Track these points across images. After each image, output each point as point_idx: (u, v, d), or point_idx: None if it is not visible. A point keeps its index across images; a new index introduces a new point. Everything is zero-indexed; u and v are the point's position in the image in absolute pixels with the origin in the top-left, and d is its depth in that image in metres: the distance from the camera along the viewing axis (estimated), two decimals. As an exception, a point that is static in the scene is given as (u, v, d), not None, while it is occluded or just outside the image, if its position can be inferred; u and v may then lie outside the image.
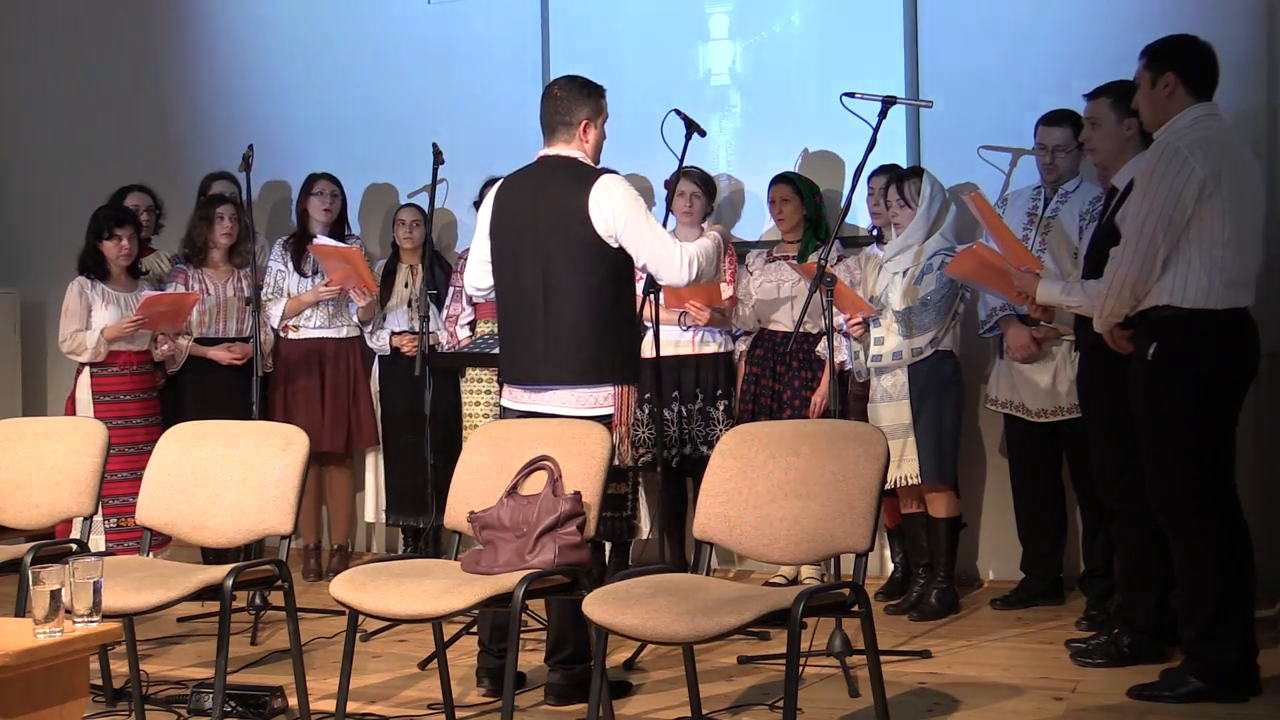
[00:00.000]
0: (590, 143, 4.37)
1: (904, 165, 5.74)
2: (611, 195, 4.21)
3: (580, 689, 4.19)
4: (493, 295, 4.50)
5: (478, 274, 4.52)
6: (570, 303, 4.22)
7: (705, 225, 4.57)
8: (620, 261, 4.28)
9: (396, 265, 6.45)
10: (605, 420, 4.23)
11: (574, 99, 4.34)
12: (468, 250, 5.72)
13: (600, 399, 4.25)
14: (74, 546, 4.31)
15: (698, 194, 5.85)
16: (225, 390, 6.12)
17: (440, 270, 6.33)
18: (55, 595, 2.98)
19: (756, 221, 6.28)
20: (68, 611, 3.02)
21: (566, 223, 4.22)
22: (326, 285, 6.25)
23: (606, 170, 4.34)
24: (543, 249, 4.26)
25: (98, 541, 5.38)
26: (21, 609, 3.96)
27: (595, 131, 4.37)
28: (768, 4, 6.23)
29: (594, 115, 4.36)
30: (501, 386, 4.48)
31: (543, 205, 4.27)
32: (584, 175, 4.27)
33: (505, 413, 4.43)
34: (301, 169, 6.56)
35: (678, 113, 5.10)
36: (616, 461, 4.25)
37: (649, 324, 5.35)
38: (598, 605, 3.43)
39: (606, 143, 4.46)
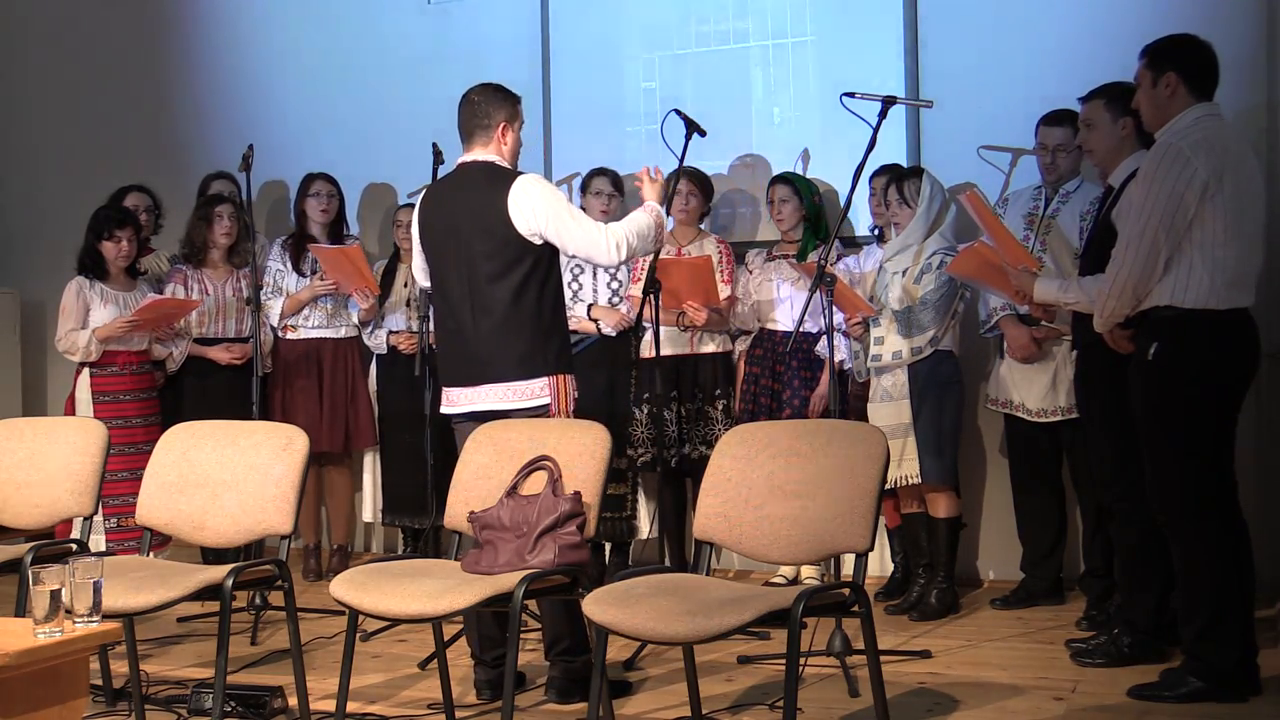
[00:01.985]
0: (509, 146, 4.43)
1: (904, 165, 5.73)
2: (529, 194, 4.27)
3: (581, 683, 4.20)
4: None
5: (423, 278, 4.60)
6: (497, 302, 4.28)
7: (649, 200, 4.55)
8: (544, 258, 4.33)
9: (397, 265, 6.44)
10: (542, 411, 4.26)
11: (491, 103, 4.42)
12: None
13: (535, 390, 4.29)
14: (74, 546, 4.31)
15: (694, 193, 5.86)
16: (225, 390, 6.12)
17: (441, 270, 6.32)
18: (55, 595, 2.98)
19: (756, 221, 6.29)
20: (68, 611, 3.02)
21: (488, 225, 4.28)
22: (321, 280, 6.26)
23: (522, 172, 4.39)
24: (466, 252, 4.32)
25: (98, 541, 5.38)
26: (21, 609, 3.96)
27: (513, 135, 4.44)
28: (768, 4, 6.23)
29: (511, 119, 4.44)
30: (440, 394, 4.49)
31: (463, 210, 4.34)
32: (502, 177, 4.33)
33: (452, 419, 4.45)
34: (301, 169, 6.56)
35: (677, 113, 5.10)
36: None
37: (649, 324, 5.36)
38: (598, 605, 3.43)
39: (605, 142, 4.49)
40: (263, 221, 7.01)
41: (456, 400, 4.39)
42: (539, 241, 4.29)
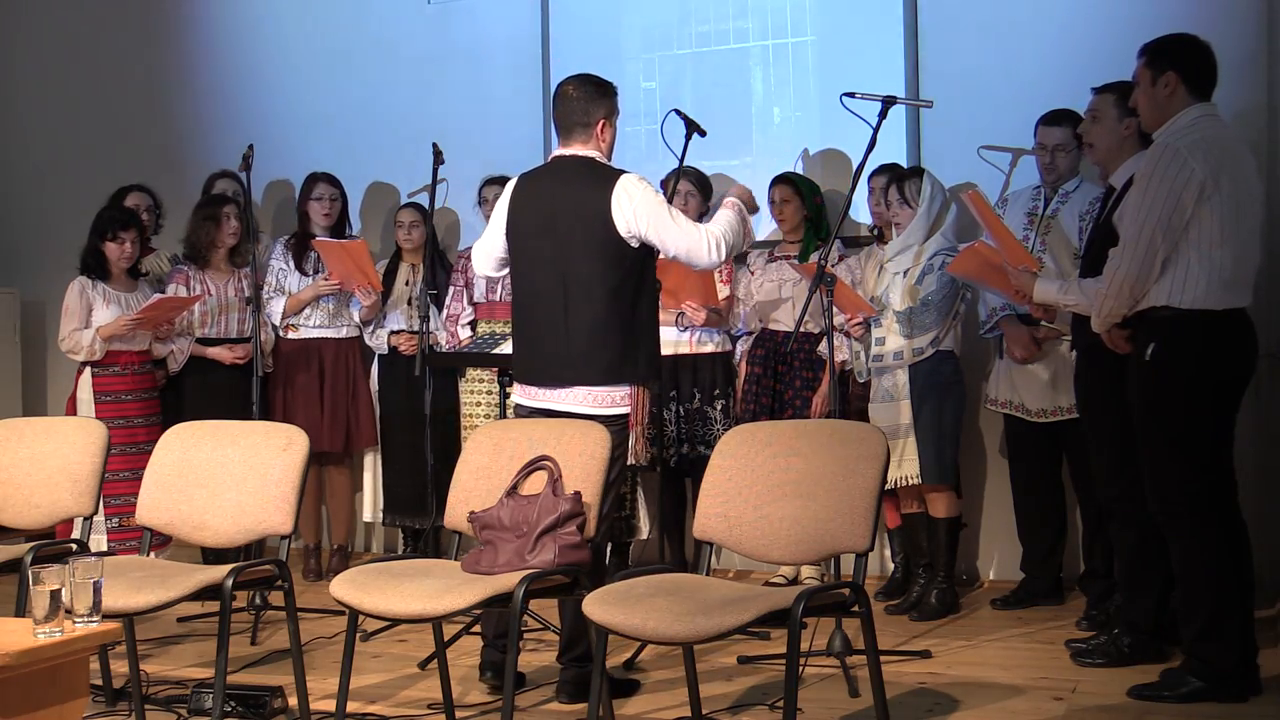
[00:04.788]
0: (606, 141, 4.37)
1: (904, 165, 5.74)
2: (633, 196, 4.21)
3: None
4: (495, 286, 4.52)
5: (486, 265, 4.55)
6: (592, 303, 4.22)
7: (729, 195, 4.56)
8: (640, 260, 4.29)
9: (398, 264, 6.45)
10: (622, 419, 4.23)
11: (590, 98, 4.34)
12: (469, 249, 5.71)
13: (618, 398, 4.25)
14: (74, 546, 4.31)
15: (693, 193, 5.85)
16: (225, 390, 6.12)
17: (441, 270, 6.33)
18: (55, 595, 2.98)
19: (756, 222, 6.27)
20: (68, 611, 3.02)
21: (588, 223, 4.23)
22: (326, 280, 6.26)
23: (624, 170, 4.33)
24: (563, 250, 4.26)
25: (98, 541, 5.38)
26: (21, 609, 3.96)
27: (611, 130, 4.38)
28: (768, 4, 6.23)
29: (609, 114, 4.37)
30: (511, 383, 4.46)
31: (562, 206, 4.27)
32: (604, 176, 4.27)
33: (519, 409, 4.42)
34: (303, 168, 6.57)
35: (678, 113, 5.11)
36: (632, 460, 4.26)
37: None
38: (598, 605, 3.43)
39: (605, 142, 4.47)
40: (269, 221, 7.01)
41: (533, 395, 4.34)
42: (636, 244, 4.25)
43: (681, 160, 5.10)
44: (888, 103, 4.65)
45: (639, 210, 4.20)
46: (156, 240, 6.60)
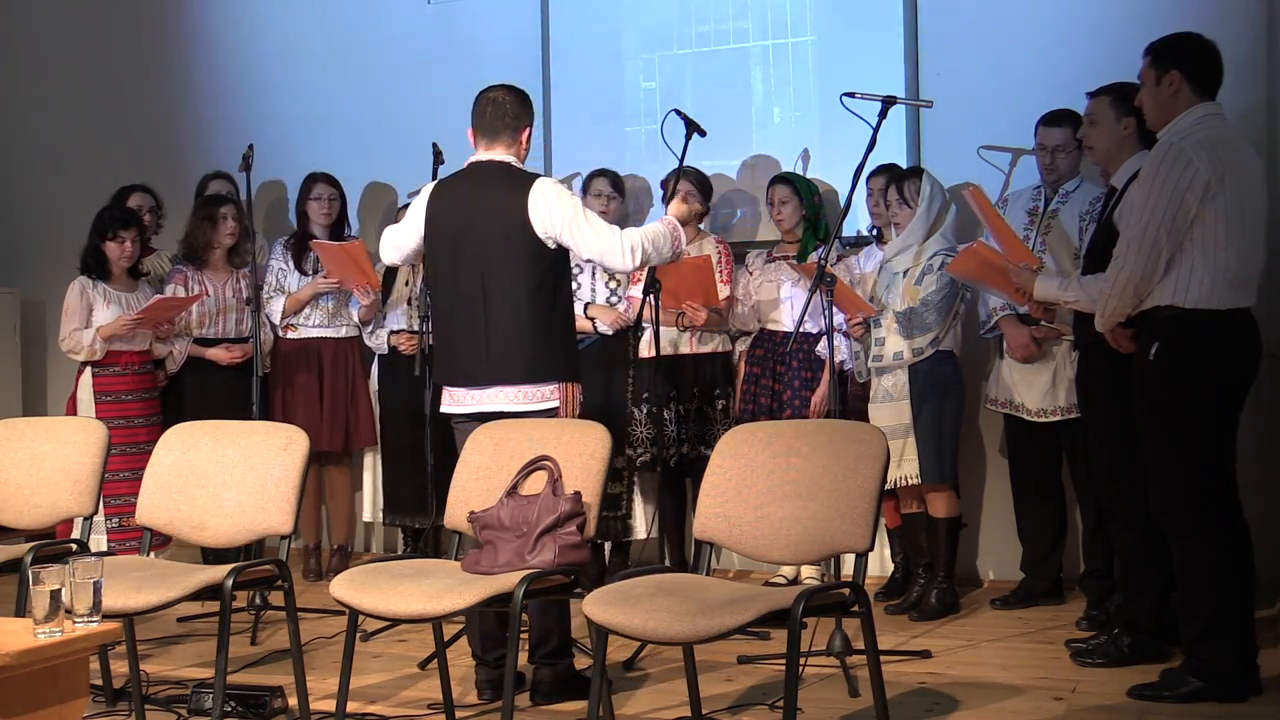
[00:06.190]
0: (526, 149, 4.46)
1: (904, 165, 5.73)
2: (548, 198, 4.28)
3: (566, 685, 4.25)
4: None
5: (392, 254, 4.60)
6: (510, 304, 4.28)
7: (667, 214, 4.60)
8: (558, 262, 4.35)
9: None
10: (551, 413, 4.27)
11: (520, 104, 4.43)
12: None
13: (545, 393, 4.30)
14: (74, 546, 4.31)
15: (693, 193, 5.84)
16: (225, 390, 6.11)
17: (442, 270, 6.32)
18: (55, 595, 2.98)
19: (756, 221, 6.29)
20: (68, 611, 3.02)
21: (505, 226, 4.29)
22: (325, 278, 6.26)
23: (540, 174, 4.41)
24: (481, 253, 4.31)
25: (98, 541, 5.38)
26: (21, 609, 3.97)
27: (529, 140, 4.47)
28: (768, 4, 6.23)
29: (530, 123, 4.46)
30: (440, 391, 4.47)
31: (480, 210, 4.33)
32: (520, 179, 4.34)
33: (454, 419, 4.43)
34: (300, 168, 6.56)
35: (678, 113, 5.11)
36: None
37: (648, 324, 5.36)
38: (598, 605, 3.43)
39: (608, 141, 4.50)
40: (261, 221, 7.01)
41: (461, 400, 4.38)
42: (553, 246, 4.30)
43: (681, 160, 5.10)
44: (888, 103, 4.65)
45: (554, 212, 4.26)
46: (157, 240, 6.60)
